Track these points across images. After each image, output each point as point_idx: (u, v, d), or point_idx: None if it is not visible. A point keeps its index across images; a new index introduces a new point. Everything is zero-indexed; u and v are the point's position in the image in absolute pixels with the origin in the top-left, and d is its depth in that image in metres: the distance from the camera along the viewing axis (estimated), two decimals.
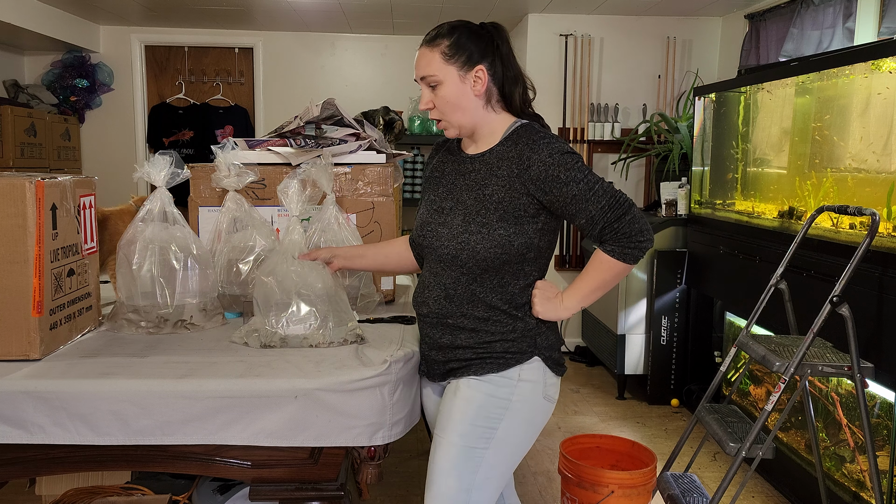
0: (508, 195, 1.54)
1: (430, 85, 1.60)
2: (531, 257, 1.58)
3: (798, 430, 2.91)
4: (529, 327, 1.60)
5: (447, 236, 1.59)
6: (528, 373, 1.59)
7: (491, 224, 1.54)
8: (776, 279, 2.52)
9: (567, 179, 1.50)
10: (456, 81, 1.58)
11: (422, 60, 1.60)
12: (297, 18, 4.89)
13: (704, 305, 3.91)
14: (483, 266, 1.56)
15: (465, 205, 1.59)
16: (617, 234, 1.51)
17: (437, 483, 1.56)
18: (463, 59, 1.57)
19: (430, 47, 1.59)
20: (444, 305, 1.61)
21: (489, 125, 1.63)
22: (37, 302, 1.55)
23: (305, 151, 2.20)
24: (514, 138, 1.58)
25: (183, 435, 1.46)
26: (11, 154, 4.34)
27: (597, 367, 4.72)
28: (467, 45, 1.58)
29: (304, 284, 1.73)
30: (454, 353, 1.61)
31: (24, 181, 1.52)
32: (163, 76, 5.48)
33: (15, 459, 1.50)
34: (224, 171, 2.06)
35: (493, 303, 1.58)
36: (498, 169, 1.57)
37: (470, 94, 1.59)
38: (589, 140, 4.81)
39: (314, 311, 1.73)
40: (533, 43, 4.78)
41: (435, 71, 1.58)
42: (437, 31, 1.60)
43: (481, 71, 1.58)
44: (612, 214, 1.51)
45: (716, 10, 4.59)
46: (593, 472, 2.39)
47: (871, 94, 2.54)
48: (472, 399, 1.57)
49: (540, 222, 1.57)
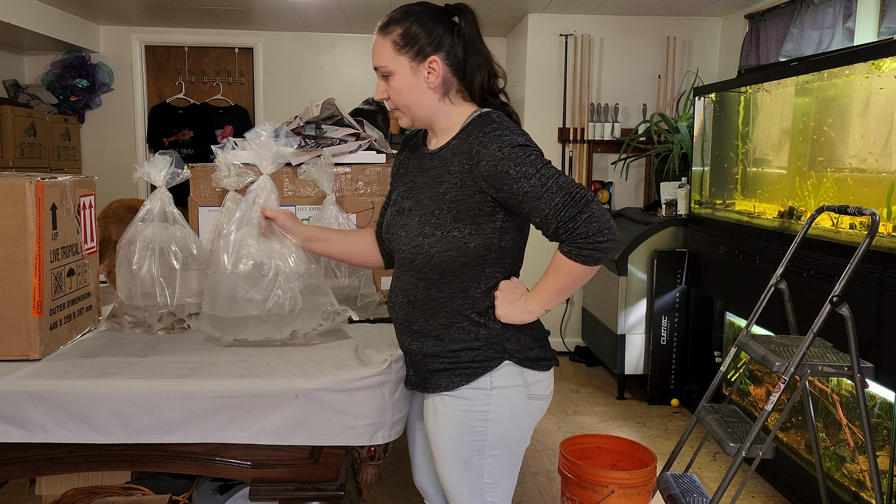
0: (461, 193, 1.44)
1: (382, 75, 1.50)
2: (492, 258, 1.49)
3: (798, 430, 2.91)
4: (494, 334, 1.51)
5: (405, 239, 1.51)
6: (501, 379, 1.51)
7: (445, 225, 1.45)
8: (776, 279, 2.52)
9: (518, 175, 1.39)
10: (408, 73, 1.48)
11: (375, 48, 1.49)
12: (297, 18, 4.89)
13: (704, 305, 3.91)
14: (440, 270, 1.48)
15: (423, 204, 1.49)
16: (573, 234, 1.38)
17: (451, 493, 1.59)
18: (415, 49, 1.46)
19: (383, 35, 1.48)
20: (408, 311, 1.55)
21: (447, 118, 1.52)
22: (37, 302, 1.55)
23: (305, 151, 2.20)
24: (468, 131, 1.47)
25: (183, 434, 1.46)
26: (11, 154, 4.34)
27: (597, 367, 4.72)
28: (421, 34, 1.46)
29: (287, 265, 1.65)
30: (423, 361, 1.55)
31: (24, 181, 1.52)
32: (163, 76, 5.48)
33: (15, 459, 1.50)
34: (224, 171, 2.06)
35: (454, 308, 1.50)
36: (451, 165, 1.47)
37: (423, 86, 1.48)
38: (589, 140, 4.81)
39: (285, 299, 1.65)
40: (533, 43, 4.78)
41: (386, 61, 1.48)
42: (390, 16, 1.49)
43: (435, 62, 1.47)
44: (567, 213, 1.37)
45: (716, 10, 4.59)
46: (593, 472, 2.39)
47: (871, 94, 2.54)
48: (451, 418, 1.53)
49: (498, 220, 1.47)
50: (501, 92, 1.56)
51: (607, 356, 4.24)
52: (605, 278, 4.25)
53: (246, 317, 1.65)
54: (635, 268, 3.96)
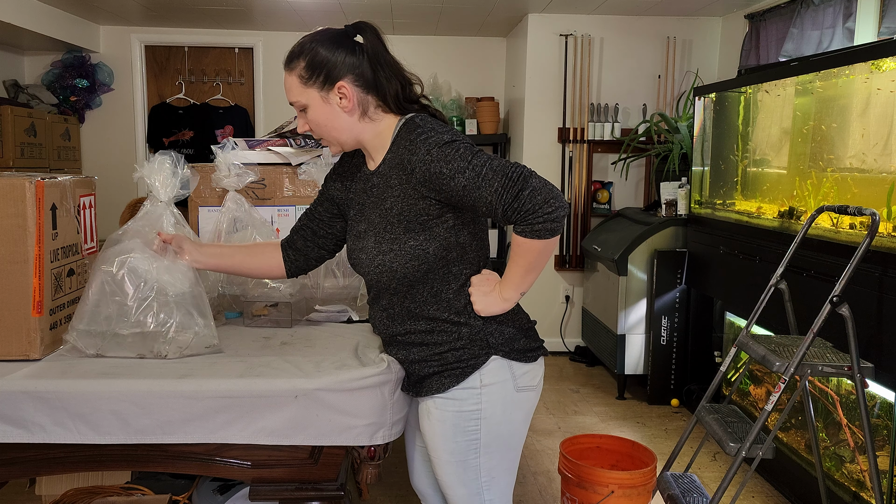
0: (406, 204, 1.46)
1: (300, 109, 1.53)
2: (454, 257, 1.50)
3: (798, 430, 2.91)
4: (476, 330, 1.52)
5: (366, 262, 1.52)
6: (489, 375, 1.52)
7: (400, 238, 1.47)
8: (776, 279, 2.52)
9: (451, 172, 1.38)
10: (320, 103, 1.50)
11: (285, 85, 1.52)
12: (297, 18, 4.89)
13: (704, 305, 3.91)
14: (407, 282, 1.49)
15: (374, 224, 1.52)
16: (520, 212, 1.36)
17: (449, 494, 1.60)
18: (321, 79, 1.48)
19: (289, 71, 1.51)
20: (389, 325, 1.58)
21: (375, 135, 1.54)
22: (37, 302, 1.55)
23: (305, 151, 2.21)
24: (398, 142, 1.49)
25: (183, 434, 1.46)
26: (11, 154, 4.34)
27: (597, 367, 4.72)
28: (323, 63, 1.47)
29: (169, 284, 1.61)
30: (412, 367, 1.57)
31: (24, 181, 1.52)
32: (163, 76, 5.48)
33: (15, 459, 1.50)
34: (224, 171, 2.06)
35: (431, 314, 1.52)
36: (390, 179, 1.49)
37: (338, 112, 1.50)
38: (589, 140, 4.81)
39: (174, 316, 1.60)
40: (533, 43, 4.78)
41: (297, 96, 1.50)
42: (291, 51, 1.51)
43: (344, 87, 1.48)
44: (509, 194, 1.35)
45: (716, 10, 4.59)
46: (593, 472, 2.39)
47: (870, 94, 2.54)
48: (444, 419, 1.54)
49: (449, 220, 1.47)
50: (422, 96, 1.56)
51: (607, 356, 4.24)
52: (605, 278, 4.25)
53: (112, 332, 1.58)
54: (635, 268, 3.97)
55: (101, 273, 1.58)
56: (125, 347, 1.59)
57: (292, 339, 1.81)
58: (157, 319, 1.58)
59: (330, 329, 1.89)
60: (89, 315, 1.58)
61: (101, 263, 1.59)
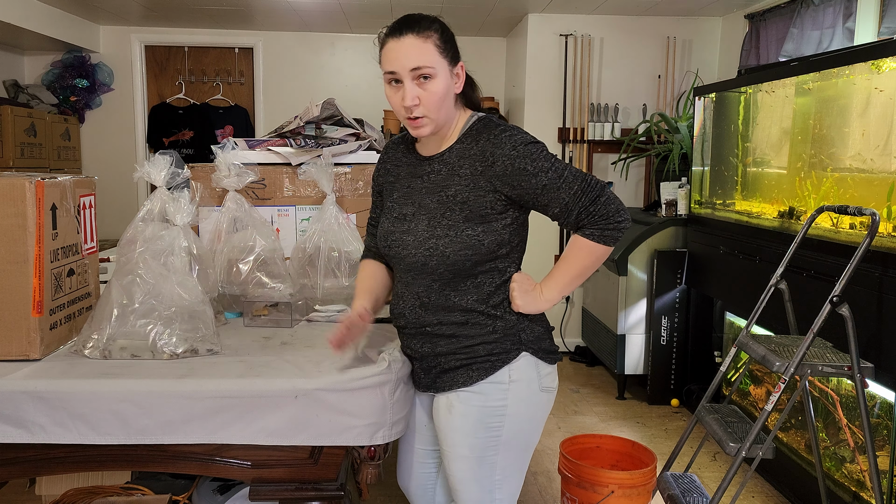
0: (473, 194, 1.48)
1: (421, 76, 1.45)
2: (503, 254, 1.53)
3: (798, 430, 2.91)
4: (510, 325, 1.54)
5: (413, 244, 1.52)
6: (518, 371, 1.54)
7: (457, 226, 1.48)
8: (776, 279, 2.52)
9: (535, 170, 1.44)
10: (447, 76, 1.48)
11: (412, 50, 1.45)
12: (297, 18, 4.89)
13: (704, 305, 3.91)
14: (454, 270, 1.50)
15: (428, 208, 1.52)
16: (594, 216, 1.46)
17: (461, 492, 1.59)
18: (451, 53, 1.49)
19: (421, 37, 1.45)
20: (420, 315, 1.56)
21: (452, 124, 1.56)
22: (37, 302, 1.55)
23: (305, 151, 2.21)
24: (474, 134, 1.52)
25: (183, 434, 1.46)
26: (11, 154, 4.34)
27: (597, 367, 4.72)
28: (451, 41, 1.50)
29: (176, 296, 1.63)
30: (436, 361, 1.57)
31: (24, 181, 1.52)
32: (163, 76, 5.48)
33: (15, 459, 1.50)
34: (224, 171, 2.06)
35: (469, 305, 1.53)
36: (460, 168, 1.50)
37: (452, 92, 1.51)
38: (589, 140, 4.81)
39: (175, 324, 1.62)
40: (533, 43, 4.78)
41: (430, 62, 1.45)
42: (419, 23, 1.47)
43: (461, 68, 1.52)
44: (587, 198, 1.45)
45: (716, 10, 4.59)
46: (593, 472, 2.39)
47: (870, 94, 2.54)
48: (468, 414, 1.54)
49: (509, 218, 1.51)
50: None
51: (607, 356, 4.24)
52: (605, 278, 4.25)
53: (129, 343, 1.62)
54: (635, 268, 3.96)
55: (116, 287, 1.61)
56: (129, 352, 1.61)
57: (292, 339, 1.81)
58: (164, 332, 1.61)
59: (330, 329, 1.89)
60: (108, 329, 1.60)
61: (115, 278, 1.63)
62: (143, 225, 1.81)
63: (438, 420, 1.60)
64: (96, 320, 1.61)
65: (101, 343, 1.59)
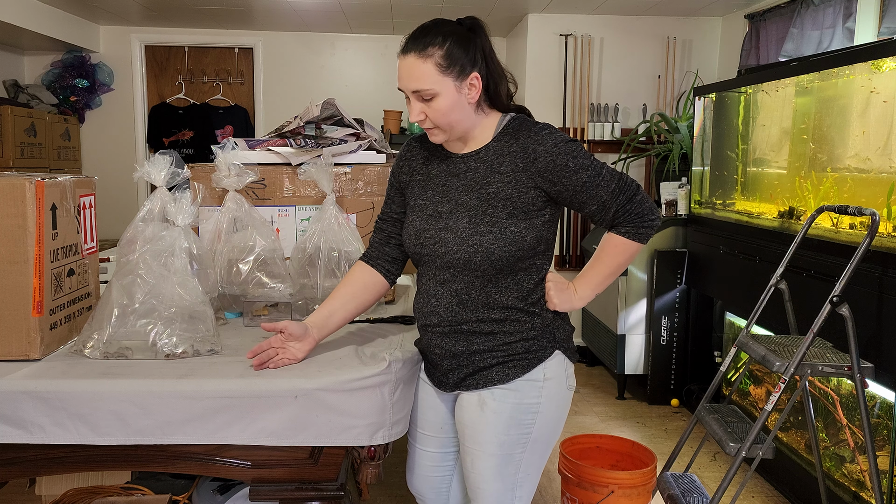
0: (516, 190, 1.50)
1: (423, 98, 1.48)
2: (541, 250, 1.56)
3: (798, 430, 2.91)
4: (547, 322, 1.58)
5: (454, 241, 1.51)
6: (552, 369, 1.57)
7: (501, 222, 1.50)
8: (776, 279, 2.52)
9: (576, 167, 1.48)
10: (452, 93, 1.48)
11: (413, 71, 1.47)
12: (297, 18, 4.89)
13: (704, 305, 3.91)
14: (498, 266, 1.50)
15: (468, 206, 1.52)
16: (630, 214, 1.52)
17: (483, 489, 1.59)
18: (458, 69, 1.47)
19: (421, 57, 1.46)
20: (458, 312, 1.55)
21: (481, 127, 1.57)
22: (37, 302, 1.55)
23: (305, 151, 2.21)
24: (512, 132, 1.53)
25: (183, 435, 1.46)
26: (11, 154, 4.34)
27: (597, 367, 4.72)
28: (460, 54, 1.48)
29: (177, 297, 1.62)
30: (471, 359, 1.57)
31: (24, 181, 1.52)
32: (163, 76, 5.48)
33: (15, 459, 1.50)
34: (224, 171, 2.06)
35: (509, 303, 1.54)
36: (500, 165, 1.52)
37: (464, 103, 1.51)
38: (589, 140, 4.80)
39: (176, 324, 1.61)
40: (533, 43, 4.78)
41: (430, 84, 1.46)
42: (424, 38, 1.47)
43: (475, 78, 1.50)
44: (624, 196, 1.51)
45: (716, 10, 4.59)
46: (593, 472, 2.39)
47: (870, 94, 2.54)
48: (501, 411, 1.55)
49: (547, 214, 1.54)
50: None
51: (607, 356, 4.24)
52: None
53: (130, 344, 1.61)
54: (635, 268, 3.97)
55: (117, 287, 1.61)
56: (131, 352, 1.61)
57: None
58: (164, 332, 1.61)
59: None
60: (108, 329, 1.60)
61: (116, 278, 1.62)
62: (143, 225, 1.81)
63: (466, 417, 1.59)
64: (96, 320, 1.61)
65: (101, 343, 1.59)
